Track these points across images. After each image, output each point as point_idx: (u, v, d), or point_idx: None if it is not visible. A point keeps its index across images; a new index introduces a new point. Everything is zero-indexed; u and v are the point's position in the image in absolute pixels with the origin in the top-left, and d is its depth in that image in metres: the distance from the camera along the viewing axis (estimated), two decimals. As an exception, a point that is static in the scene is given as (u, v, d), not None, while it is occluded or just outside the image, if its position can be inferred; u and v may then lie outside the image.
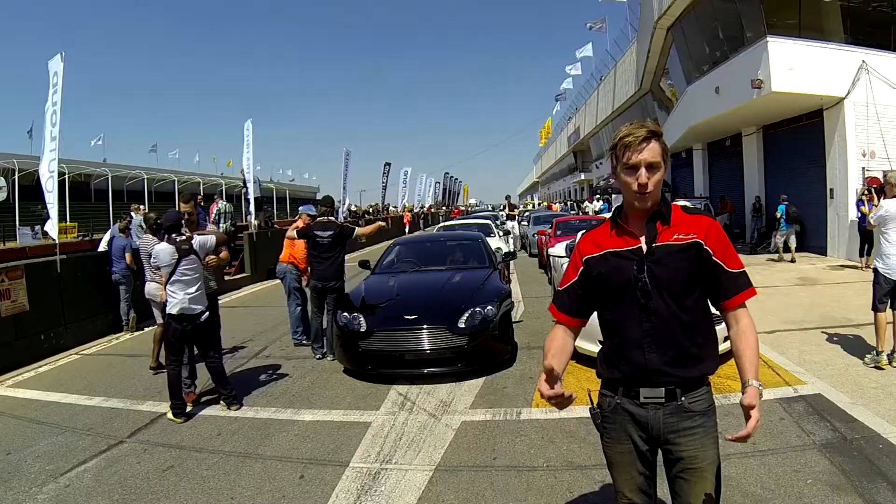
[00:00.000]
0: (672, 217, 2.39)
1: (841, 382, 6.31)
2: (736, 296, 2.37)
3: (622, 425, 2.46)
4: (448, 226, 22.46)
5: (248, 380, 7.52)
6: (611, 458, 2.54)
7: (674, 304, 2.34)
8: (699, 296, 2.39)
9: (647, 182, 2.30)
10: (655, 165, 2.32)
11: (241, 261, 17.64)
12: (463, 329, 7.01)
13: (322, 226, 8.28)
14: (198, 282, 6.28)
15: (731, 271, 2.36)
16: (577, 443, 5.16)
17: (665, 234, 2.36)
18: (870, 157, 15.78)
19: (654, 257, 2.35)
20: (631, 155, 2.31)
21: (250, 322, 11.37)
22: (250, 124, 20.37)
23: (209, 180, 60.52)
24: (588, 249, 2.51)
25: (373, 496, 4.39)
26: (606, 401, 2.53)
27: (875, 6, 16.80)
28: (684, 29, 21.93)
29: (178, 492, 4.61)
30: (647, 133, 2.31)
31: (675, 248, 2.34)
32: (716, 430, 2.41)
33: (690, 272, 2.34)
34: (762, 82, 15.73)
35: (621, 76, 37.09)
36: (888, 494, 3.96)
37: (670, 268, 2.33)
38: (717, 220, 2.46)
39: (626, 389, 2.44)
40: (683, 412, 2.36)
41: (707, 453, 2.36)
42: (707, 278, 2.37)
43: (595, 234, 2.55)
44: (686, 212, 2.44)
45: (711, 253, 2.34)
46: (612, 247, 2.43)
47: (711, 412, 2.42)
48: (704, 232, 2.36)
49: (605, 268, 2.43)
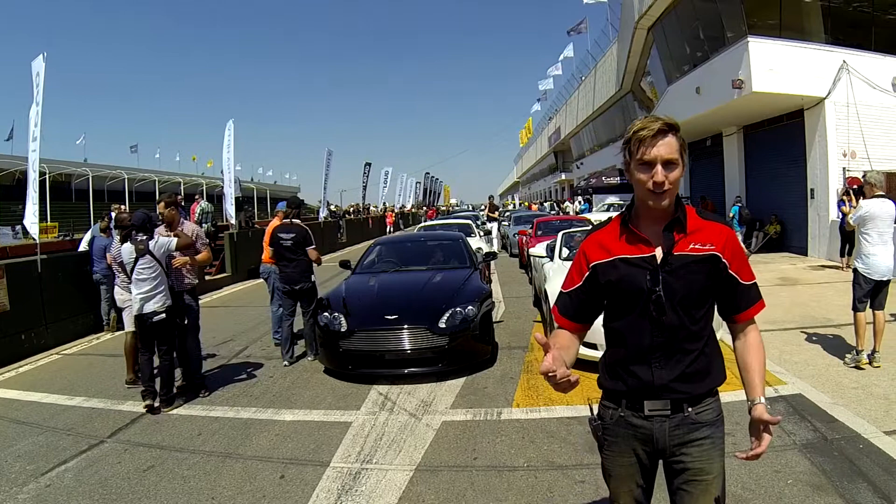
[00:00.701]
0: (689, 223, 2.24)
1: (822, 382, 6.34)
2: (749, 309, 2.31)
3: (625, 439, 2.33)
4: (429, 226, 22.52)
5: (229, 379, 7.50)
6: (610, 471, 2.43)
7: (685, 317, 2.21)
8: (709, 307, 2.30)
9: (663, 180, 2.14)
10: (673, 162, 2.15)
11: (222, 261, 17.55)
12: (443, 329, 7.01)
13: (285, 228, 8.31)
14: (150, 283, 6.31)
15: (744, 283, 2.28)
16: (557, 443, 5.16)
17: (681, 244, 2.21)
18: (850, 157, 15.90)
19: (669, 268, 2.20)
20: (646, 150, 2.15)
21: (231, 322, 11.34)
22: (232, 124, 20.26)
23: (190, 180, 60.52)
24: (596, 254, 2.33)
25: (353, 496, 4.38)
26: (609, 413, 2.39)
27: (856, 6, 16.92)
28: (665, 29, 21.98)
29: (159, 492, 4.59)
30: (663, 126, 2.16)
31: (692, 260, 2.20)
32: (723, 441, 2.34)
33: (705, 285, 2.23)
34: (743, 82, 15.81)
35: (602, 76, 37.18)
36: (868, 495, 3.97)
37: (685, 280, 2.20)
38: (733, 230, 2.34)
39: (630, 402, 2.31)
40: (690, 423, 2.26)
41: (713, 466, 2.28)
42: (720, 290, 2.28)
43: (603, 237, 2.36)
44: (701, 216, 2.29)
45: (728, 265, 2.23)
46: (623, 253, 2.26)
47: (720, 422, 2.33)
48: (722, 244, 2.23)
49: (615, 276, 2.27)
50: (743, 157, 21.05)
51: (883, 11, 16.97)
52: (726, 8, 17.17)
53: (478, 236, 18.99)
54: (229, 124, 20.28)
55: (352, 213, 41.69)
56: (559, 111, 56.67)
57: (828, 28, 16.47)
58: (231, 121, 20.31)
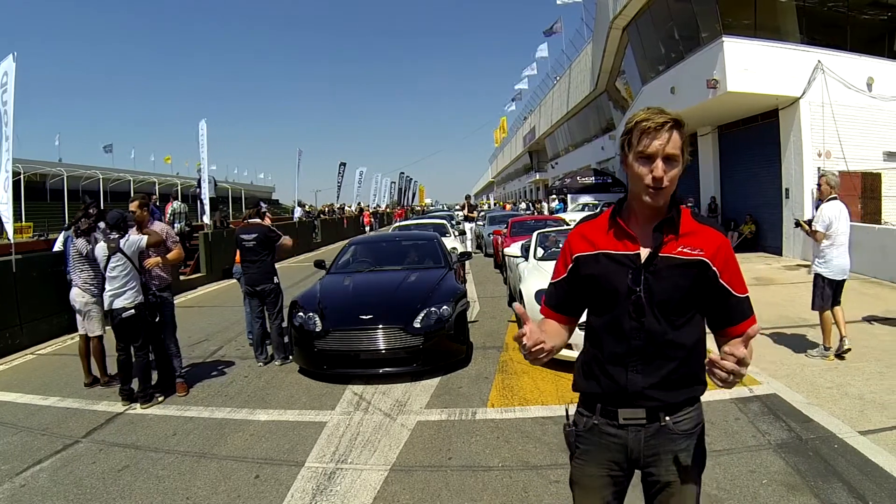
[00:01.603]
0: (682, 225, 2.15)
1: (796, 382, 6.37)
2: (741, 323, 2.13)
3: (598, 448, 2.25)
4: (404, 225, 22.47)
5: (204, 379, 7.48)
6: (577, 481, 2.34)
7: (666, 323, 2.11)
8: (694, 315, 2.17)
9: (662, 175, 2.05)
10: (674, 158, 2.07)
11: (197, 261, 17.47)
12: (418, 329, 7.03)
13: (246, 229, 8.29)
14: (121, 280, 6.42)
15: (737, 296, 2.15)
16: (532, 443, 5.17)
17: (670, 245, 2.12)
18: (826, 157, 15.96)
19: (652, 269, 2.11)
20: (649, 143, 2.05)
21: (205, 322, 11.29)
22: (205, 124, 20.31)
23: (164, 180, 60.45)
24: (579, 246, 2.26)
25: (328, 496, 4.38)
26: (583, 420, 2.30)
27: (831, 6, 17.02)
28: (640, 29, 22.01)
29: (134, 492, 4.58)
30: (669, 120, 2.07)
31: (678, 263, 2.10)
32: (701, 452, 2.24)
33: (689, 291, 2.12)
34: (718, 82, 15.83)
35: (577, 76, 37.28)
36: (843, 494, 4.00)
37: (669, 283, 2.10)
38: (728, 238, 2.22)
39: (604, 408, 2.22)
40: (667, 434, 2.17)
41: (689, 477, 2.19)
42: (709, 300, 2.16)
43: (588, 229, 2.28)
44: (697, 220, 2.19)
45: (718, 274, 2.12)
46: (607, 247, 2.18)
47: (698, 432, 2.23)
48: (713, 251, 2.12)
49: (596, 270, 2.19)
50: (718, 157, 21.13)
51: (858, 11, 17.10)
52: (701, 8, 17.20)
53: (452, 236, 19.01)
54: (202, 124, 20.36)
55: (326, 213, 41.58)
56: (534, 111, 56.83)
57: (803, 28, 16.55)
58: (203, 120, 20.44)
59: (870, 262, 13.01)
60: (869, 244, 13.22)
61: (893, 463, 4.39)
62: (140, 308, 6.49)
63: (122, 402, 6.55)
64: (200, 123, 20.48)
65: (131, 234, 6.64)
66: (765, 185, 18.15)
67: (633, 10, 21.31)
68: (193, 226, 20.27)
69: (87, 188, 51.53)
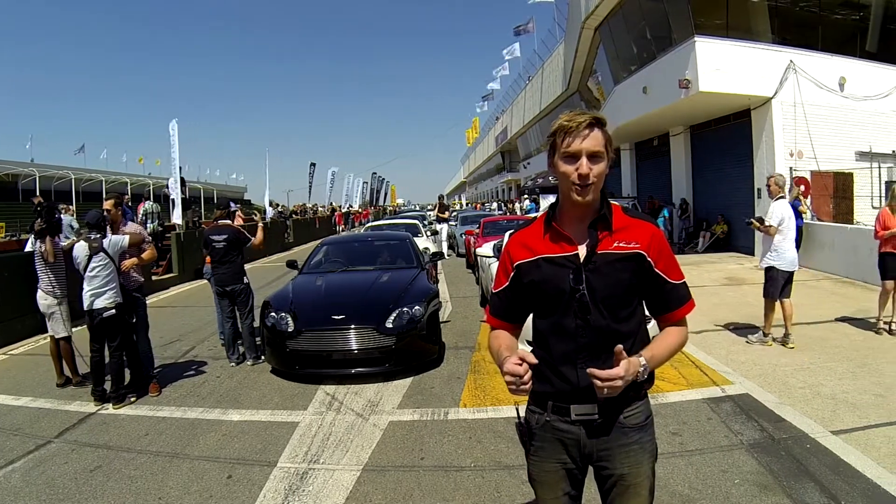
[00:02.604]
0: (614, 221, 2.20)
1: (768, 382, 6.40)
2: (679, 308, 2.25)
3: (551, 444, 2.29)
4: (376, 226, 22.45)
5: (176, 379, 7.45)
6: (535, 477, 2.38)
7: (610, 317, 2.16)
8: (637, 305, 2.25)
9: (588, 172, 2.10)
10: (598, 155, 2.12)
11: (169, 261, 17.40)
12: (390, 329, 7.04)
13: (216, 230, 8.28)
14: (102, 280, 6.45)
15: (673, 283, 2.22)
16: (504, 443, 5.18)
17: (605, 242, 2.17)
18: (797, 156, 16.09)
19: (592, 266, 2.15)
20: (571, 141, 2.11)
21: (178, 322, 11.22)
22: (175, 124, 20.25)
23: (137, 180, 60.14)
24: (519, 253, 2.30)
25: (300, 496, 4.38)
26: (535, 417, 2.35)
27: (803, 6, 17.15)
28: (612, 29, 22.01)
29: (106, 492, 4.56)
30: (590, 119, 2.12)
31: (615, 258, 2.15)
32: (652, 444, 2.29)
33: (630, 283, 2.18)
34: (690, 82, 15.90)
35: (549, 76, 37.38)
36: (815, 494, 4.02)
37: (610, 279, 2.15)
38: (660, 228, 2.29)
39: (556, 406, 2.26)
40: (619, 428, 2.21)
41: (642, 469, 2.24)
42: (647, 289, 2.23)
43: (525, 236, 2.33)
44: (628, 214, 2.25)
45: (653, 264, 2.18)
46: (546, 252, 2.23)
47: (648, 425, 2.28)
48: (647, 242, 2.18)
49: (538, 275, 2.23)
50: (690, 157, 21.22)
51: (830, 11, 17.25)
52: (673, 8, 17.18)
53: (425, 236, 19.01)
54: (173, 124, 20.32)
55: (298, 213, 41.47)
56: (506, 111, 57.07)
57: (775, 28, 16.65)
58: (174, 120, 20.38)
59: (842, 261, 13.16)
60: (841, 244, 13.38)
61: (865, 462, 4.43)
62: (119, 308, 6.51)
63: (95, 402, 6.51)
64: (171, 123, 20.44)
65: (111, 234, 6.67)
66: (737, 185, 18.24)
67: (605, 9, 21.29)
68: (165, 226, 20.20)
69: (60, 189, 51.18)
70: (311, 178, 45.84)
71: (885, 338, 7.87)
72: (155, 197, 32.21)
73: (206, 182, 74.99)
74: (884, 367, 6.71)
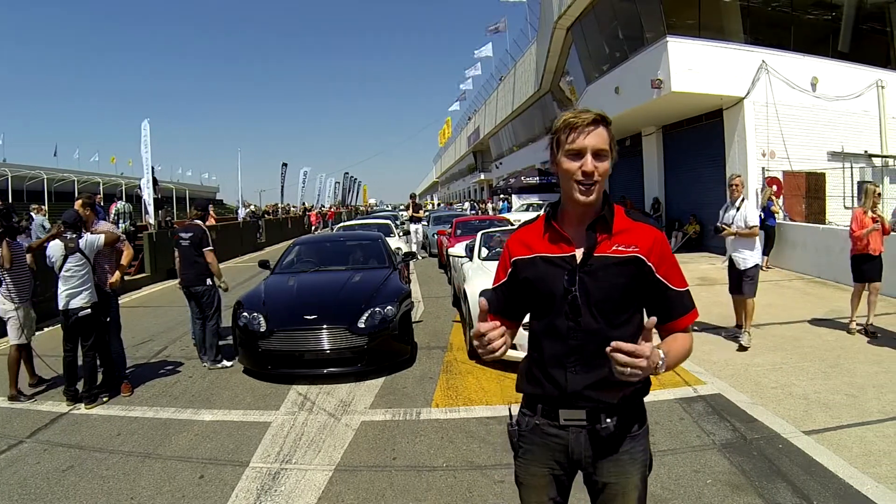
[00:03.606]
0: (615, 223, 2.15)
1: (741, 382, 6.43)
2: (682, 317, 2.17)
3: (540, 448, 2.25)
4: (348, 226, 22.36)
5: (148, 379, 7.41)
6: (521, 480, 2.34)
7: (604, 322, 2.11)
8: (634, 312, 2.18)
9: (593, 170, 2.05)
10: (603, 154, 2.07)
11: (141, 261, 17.18)
12: (363, 329, 7.04)
13: (185, 227, 8.29)
14: (77, 279, 6.45)
15: (675, 290, 2.16)
16: (476, 443, 5.18)
17: (604, 245, 2.12)
18: (770, 156, 16.22)
19: (588, 269, 2.11)
20: (577, 137, 2.06)
21: (150, 322, 11.14)
22: (147, 124, 20.14)
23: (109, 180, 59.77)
24: (517, 250, 2.28)
25: (272, 496, 4.38)
26: (525, 420, 2.29)
27: (775, 6, 17.23)
28: (584, 29, 21.95)
29: (78, 492, 4.56)
30: (595, 117, 2.08)
31: (613, 261, 2.11)
32: (644, 454, 2.23)
33: (627, 288, 2.12)
34: (662, 82, 15.89)
35: (521, 76, 37.44)
36: (787, 494, 4.04)
37: (605, 282, 2.10)
38: (663, 233, 2.25)
39: (546, 409, 2.22)
40: (608, 436, 2.15)
41: (630, 480, 2.19)
42: (647, 295, 2.17)
43: (526, 234, 2.30)
44: (631, 217, 2.20)
45: (654, 269, 2.12)
46: (544, 251, 2.19)
47: (641, 435, 2.22)
48: (648, 246, 2.12)
49: (533, 273, 2.20)
50: (662, 157, 21.27)
51: (802, 11, 17.36)
52: (645, 8, 17.17)
53: (397, 236, 18.96)
54: (144, 124, 20.21)
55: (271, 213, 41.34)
56: (478, 111, 57.11)
57: (747, 28, 16.70)
58: (146, 120, 20.28)
59: (814, 262, 13.26)
60: (813, 244, 13.48)
61: (837, 463, 4.46)
62: (94, 307, 6.51)
63: (67, 402, 6.51)
64: (143, 123, 20.34)
65: (87, 234, 6.66)
66: (709, 185, 18.24)
67: (578, 9, 21.25)
68: (138, 226, 20.13)
69: (32, 189, 50.90)
70: (284, 179, 45.97)
71: (858, 338, 7.92)
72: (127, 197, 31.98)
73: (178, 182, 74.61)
74: (856, 368, 6.77)
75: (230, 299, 8.24)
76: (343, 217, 49.47)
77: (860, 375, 6.49)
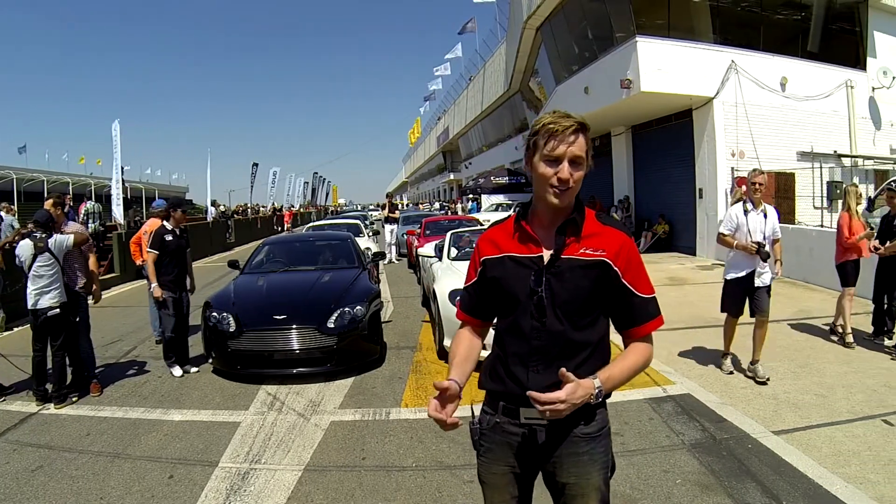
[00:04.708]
0: (585, 226, 2.17)
1: (710, 382, 6.48)
2: (645, 324, 2.19)
3: (500, 446, 2.26)
4: (317, 225, 22.23)
5: (118, 379, 7.36)
6: (483, 478, 2.35)
7: (568, 324, 2.12)
8: (598, 316, 2.19)
9: (568, 177, 2.08)
10: (579, 161, 2.11)
11: (110, 261, 17.21)
12: (332, 329, 7.03)
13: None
14: (47, 279, 6.43)
15: (641, 296, 2.17)
16: (446, 443, 5.17)
17: (572, 247, 2.14)
18: (739, 156, 16.27)
19: (554, 270, 2.12)
20: (557, 145, 2.07)
21: (119, 322, 11.05)
22: (118, 125, 20.11)
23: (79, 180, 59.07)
24: (487, 249, 2.30)
25: (242, 496, 4.36)
26: (487, 418, 2.32)
27: (744, 6, 17.29)
28: (553, 29, 22.00)
29: (48, 492, 4.53)
30: (575, 124, 2.09)
31: (579, 264, 2.12)
32: (605, 456, 2.23)
33: (592, 292, 2.13)
34: (631, 82, 15.95)
35: (490, 76, 37.52)
36: (757, 494, 4.06)
37: (570, 284, 2.11)
38: (632, 238, 2.25)
39: (507, 408, 2.23)
40: (569, 436, 2.17)
41: (590, 481, 2.18)
42: (612, 300, 2.18)
43: (496, 233, 2.32)
44: (601, 221, 2.21)
45: (620, 274, 2.13)
46: (513, 251, 2.21)
47: (602, 436, 2.22)
48: (615, 251, 2.13)
49: (501, 272, 2.22)
50: (631, 157, 21.31)
51: (771, 11, 17.47)
52: (615, 8, 17.19)
53: (366, 236, 18.88)
54: (115, 124, 20.20)
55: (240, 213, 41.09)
56: (448, 111, 57.17)
57: (716, 28, 16.78)
58: (117, 121, 20.27)
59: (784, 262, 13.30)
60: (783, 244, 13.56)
61: (807, 463, 4.49)
62: (64, 307, 6.50)
63: (37, 402, 6.45)
64: (114, 124, 20.29)
65: (56, 234, 6.64)
66: (678, 185, 18.38)
67: (547, 9, 21.29)
68: (107, 226, 20.05)
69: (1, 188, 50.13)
70: (253, 178, 45.76)
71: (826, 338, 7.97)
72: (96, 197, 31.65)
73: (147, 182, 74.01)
74: (825, 368, 6.84)
75: (199, 299, 8.14)
76: (313, 217, 49.53)
77: (829, 375, 6.56)
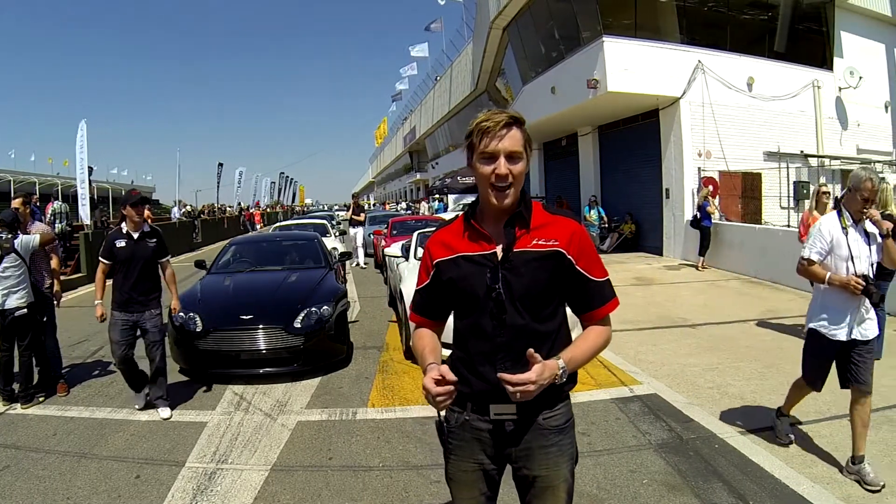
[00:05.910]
0: (533, 218, 2.18)
1: (677, 383, 6.50)
2: (602, 307, 2.23)
3: (469, 443, 2.27)
4: (284, 225, 22.11)
5: (84, 379, 7.32)
6: (452, 477, 2.35)
7: (529, 316, 2.14)
8: (557, 305, 2.23)
9: (506, 173, 2.07)
10: (516, 155, 2.09)
11: (77, 261, 17.03)
12: (299, 329, 7.03)
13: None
14: (14, 279, 6.35)
15: (595, 280, 2.20)
16: (413, 443, 5.20)
17: (524, 240, 2.14)
18: (706, 156, 16.38)
19: (509, 265, 2.13)
20: (489, 142, 2.08)
21: (86, 322, 10.76)
22: (84, 125, 19.93)
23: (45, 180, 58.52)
24: (438, 251, 2.28)
25: (208, 496, 4.35)
26: (454, 416, 2.29)
27: (711, 6, 17.39)
28: (520, 29, 22.01)
29: (14, 492, 4.52)
30: (507, 119, 2.09)
31: (533, 256, 2.13)
32: (572, 447, 2.27)
33: (549, 282, 2.15)
34: (598, 82, 15.98)
35: (457, 76, 37.47)
36: (724, 494, 4.09)
37: (527, 277, 2.12)
38: (582, 225, 2.26)
39: (476, 405, 2.23)
40: (538, 430, 2.20)
41: (560, 472, 2.22)
42: (569, 287, 2.20)
43: (445, 234, 2.31)
44: (549, 211, 2.24)
45: (574, 261, 2.16)
46: (465, 250, 2.20)
47: (568, 428, 2.26)
48: (567, 240, 2.15)
49: (456, 273, 2.21)
50: (598, 157, 21.33)
51: (738, 11, 17.58)
52: (581, 8, 17.21)
53: (333, 236, 18.81)
54: (81, 124, 20.03)
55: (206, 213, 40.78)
56: (414, 111, 57.09)
57: (683, 28, 16.85)
58: (83, 121, 20.11)
59: (751, 262, 13.50)
60: (750, 244, 13.73)
61: (773, 462, 4.54)
62: (31, 307, 6.46)
63: (3, 402, 6.41)
64: (80, 124, 20.11)
65: (21, 234, 6.59)
66: (645, 185, 18.46)
67: (514, 9, 21.28)
68: (74, 226, 19.81)
69: (-32, 188, 49.45)
70: (219, 178, 46.00)
71: (793, 338, 7.96)
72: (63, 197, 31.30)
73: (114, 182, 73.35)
74: (792, 368, 6.75)
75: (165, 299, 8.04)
76: (279, 217, 49.28)
77: (796, 375, 6.54)
